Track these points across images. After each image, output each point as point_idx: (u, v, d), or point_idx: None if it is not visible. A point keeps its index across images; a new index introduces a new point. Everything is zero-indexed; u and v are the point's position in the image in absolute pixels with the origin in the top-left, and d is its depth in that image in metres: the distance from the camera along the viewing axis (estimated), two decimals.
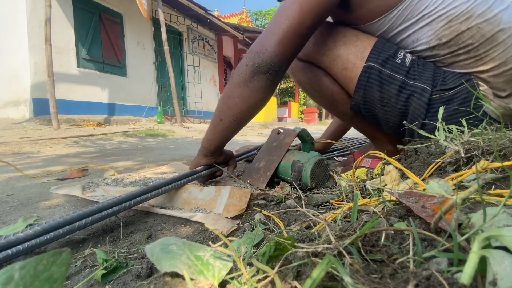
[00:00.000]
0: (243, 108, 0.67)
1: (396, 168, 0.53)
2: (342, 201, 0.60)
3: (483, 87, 0.66)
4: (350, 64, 0.75)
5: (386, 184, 0.53)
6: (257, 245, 0.41)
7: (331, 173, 0.80)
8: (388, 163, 0.57)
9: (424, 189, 0.41)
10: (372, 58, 0.71)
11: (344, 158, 1.28)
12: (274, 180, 0.86)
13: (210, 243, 0.30)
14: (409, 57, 0.70)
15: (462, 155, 0.47)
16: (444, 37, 0.65)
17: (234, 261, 0.27)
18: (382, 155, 0.58)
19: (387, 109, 0.73)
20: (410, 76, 0.69)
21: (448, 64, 0.68)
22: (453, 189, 0.39)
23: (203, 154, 0.77)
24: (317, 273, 0.20)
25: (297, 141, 1.15)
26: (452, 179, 0.43)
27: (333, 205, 0.60)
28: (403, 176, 0.55)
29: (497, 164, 0.41)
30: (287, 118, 9.57)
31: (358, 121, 0.91)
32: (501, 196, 0.35)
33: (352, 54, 0.74)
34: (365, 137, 2.16)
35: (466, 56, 0.65)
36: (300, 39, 0.65)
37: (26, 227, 0.51)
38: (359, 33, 0.76)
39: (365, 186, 0.56)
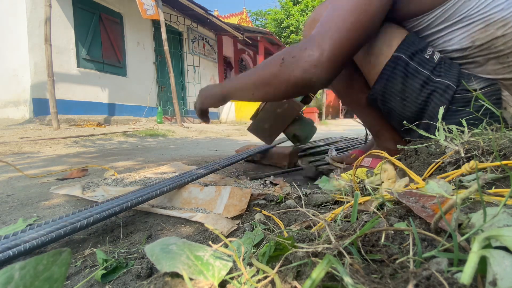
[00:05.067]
0: (274, 99, 0.74)
1: (395, 166, 0.54)
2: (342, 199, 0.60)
3: (505, 92, 0.65)
4: (377, 49, 0.73)
5: (383, 181, 0.53)
6: (257, 245, 0.41)
7: (332, 173, 0.81)
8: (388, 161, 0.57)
9: (418, 187, 0.41)
10: (402, 49, 0.70)
11: (339, 154, 1.27)
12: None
13: (210, 243, 0.30)
14: (437, 55, 0.70)
15: (462, 155, 0.47)
16: (478, 41, 0.64)
17: (234, 261, 0.28)
18: (385, 154, 0.57)
19: (406, 103, 0.72)
20: (436, 73, 0.68)
21: (475, 67, 0.68)
22: (453, 189, 0.39)
23: (219, 99, 0.79)
24: (317, 273, 0.20)
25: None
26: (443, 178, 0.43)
27: (333, 205, 0.60)
28: (403, 175, 0.55)
29: (486, 164, 0.42)
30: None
31: (367, 113, 0.90)
32: (501, 196, 0.35)
33: (381, 40, 0.72)
34: (364, 137, 2.16)
35: (495, 61, 0.64)
36: (358, 47, 0.65)
37: (26, 227, 0.51)
38: (391, 23, 0.74)
39: (365, 186, 0.56)
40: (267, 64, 0.68)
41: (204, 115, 0.87)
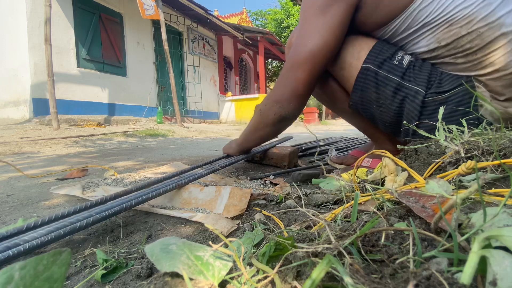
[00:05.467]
0: (270, 137, 0.94)
1: (396, 164, 0.54)
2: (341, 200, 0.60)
3: (481, 89, 0.65)
4: (347, 64, 0.76)
5: (385, 176, 0.54)
6: (257, 245, 0.41)
7: (332, 173, 0.81)
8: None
9: (418, 185, 0.41)
10: (370, 60, 0.72)
11: (339, 154, 1.28)
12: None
13: (210, 243, 0.30)
14: (407, 58, 0.71)
15: (462, 155, 0.47)
16: (443, 41, 0.65)
17: (234, 261, 0.28)
18: (388, 154, 0.58)
19: (383, 110, 0.74)
20: (406, 78, 0.69)
21: (447, 66, 0.68)
22: (453, 189, 0.39)
23: (238, 151, 1.05)
24: (317, 273, 0.20)
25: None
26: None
27: (333, 205, 0.60)
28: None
29: (483, 164, 0.42)
30: None
31: (358, 119, 0.92)
32: (501, 196, 0.35)
33: (349, 55, 0.75)
34: (365, 137, 2.16)
35: (465, 59, 0.64)
36: (312, 86, 0.78)
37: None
38: (359, 36, 0.77)
39: (365, 186, 0.56)
40: (254, 117, 0.91)
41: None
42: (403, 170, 0.53)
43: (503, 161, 0.41)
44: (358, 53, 0.74)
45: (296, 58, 0.74)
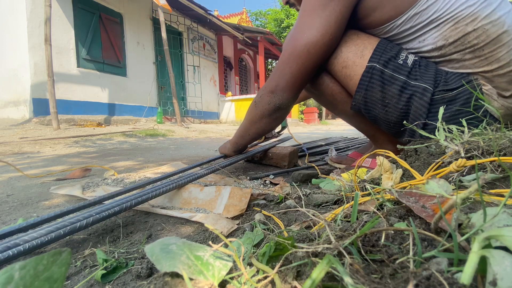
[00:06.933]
0: (266, 129, 0.91)
1: (393, 162, 0.54)
2: (341, 200, 0.60)
3: (487, 86, 0.66)
4: (350, 62, 0.75)
5: (381, 174, 0.55)
6: (257, 245, 0.41)
7: (332, 173, 0.81)
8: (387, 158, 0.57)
9: (418, 182, 0.41)
10: (374, 59, 0.72)
11: (339, 155, 1.28)
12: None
13: (210, 243, 0.30)
14: (411, 58, 0.71)
15: (462, 155, 0.47)
16: (450, 38, 0.65)
17: (234, 261, 0.28)
18: (391, 154, 0.58)
19: (388, 109, 0.73)
20: (412, 77, 0.69)
21: (453, 63, 0.68)
22: (453, 189, 0.39)
23: (233, 150, 1.04)
24: (317, 273, 0.20)
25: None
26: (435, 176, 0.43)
27: (333, 205, 0.60)
28: (404, 175, 0.55)
29: (471, 162, 0.42)
30: (287, 118, 9.52)
31: (358, 120, 0.91)
32: (501, 196, 0.35)
33: (352, 53, 0.75)
34: (365, 137, 2.16)
35: (472, 55, 0.65)
36: (307, 78, 0.79)
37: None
38: (360, 33, 0.77)
39: (365, 186, 0.56)
40: (249, 111, 0.90)
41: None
42: (398, 167, 0.54)
43: (501, 158, 0.41)
44: (362, 52, 0.73)
45: (292, 50, 0.75)
